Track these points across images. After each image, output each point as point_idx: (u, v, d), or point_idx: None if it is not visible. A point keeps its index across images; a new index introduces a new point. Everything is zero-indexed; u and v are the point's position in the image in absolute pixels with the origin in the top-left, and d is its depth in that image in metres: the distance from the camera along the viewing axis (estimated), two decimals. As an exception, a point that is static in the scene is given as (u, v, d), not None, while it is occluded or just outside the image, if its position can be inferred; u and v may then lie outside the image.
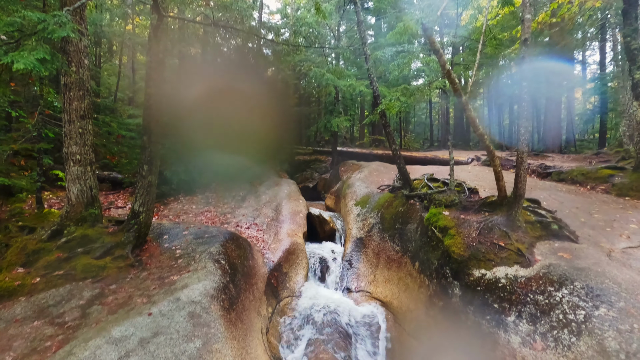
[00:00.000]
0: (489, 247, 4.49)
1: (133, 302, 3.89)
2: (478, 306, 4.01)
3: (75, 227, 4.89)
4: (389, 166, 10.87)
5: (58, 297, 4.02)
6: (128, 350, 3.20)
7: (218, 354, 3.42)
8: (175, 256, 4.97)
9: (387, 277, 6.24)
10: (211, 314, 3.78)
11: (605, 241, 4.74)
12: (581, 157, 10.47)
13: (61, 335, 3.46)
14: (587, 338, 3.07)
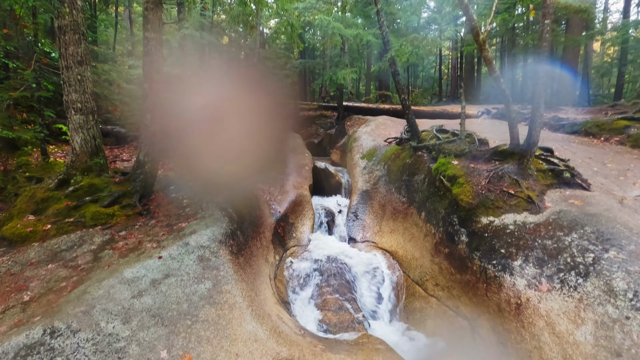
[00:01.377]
0: (498, 195, 4.43)
1: (143, 246, 3.95)
2: (485, 252, 4.03)
3: (82, 177, 4.88)
4: (396, 120, 10.62)
5: (70, 243, 4.09)
6: (141, 290, 3.29)
7: (228, 294, 3.51)
8: (183, 205, 4.99)
9: (392, 228, 6.28)
10: (220, 258, 3.84)
11: (618, 189, 4.65)
12: (596, 110, 10.10)
13: (75, 277, 3.55)
14: (594, 279, 3.08)
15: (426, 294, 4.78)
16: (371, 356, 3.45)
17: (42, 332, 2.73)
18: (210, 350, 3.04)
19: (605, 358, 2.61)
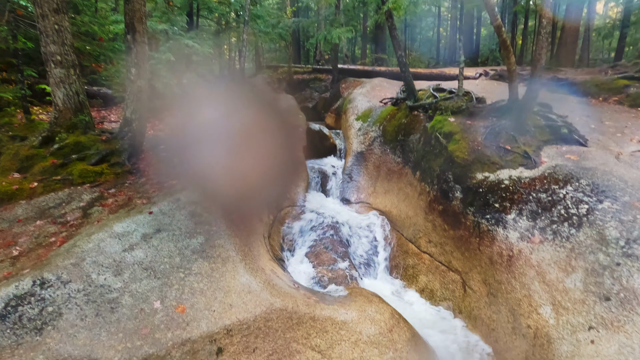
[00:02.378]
0: (494, 151, 4.37)
1: (133, 203, 3.88)
2: (479, 207, 4.02)
3: (67, 134, 4.71)
4: (392, 82, 10.34)
5: (58, 200, 4.00)
6: (132, 244, 3.25)
7: (221, 248, 3.49)
8: (174, 164, 4.89)
9: (387, 189, 6.26)
10: (212, 213, 3.79)
11: (614, 145, 4.60)
12: (596, 70, 9.89)
13: (64, 232, 3.49)
14: (587, 229, 3.08)
15: (419, 251, 4.82)
16: (364, 307, 3.50)
17: (32, 283, 2.70)
18: (204, 301, 3.05)
19: (594, 302, 2.65)
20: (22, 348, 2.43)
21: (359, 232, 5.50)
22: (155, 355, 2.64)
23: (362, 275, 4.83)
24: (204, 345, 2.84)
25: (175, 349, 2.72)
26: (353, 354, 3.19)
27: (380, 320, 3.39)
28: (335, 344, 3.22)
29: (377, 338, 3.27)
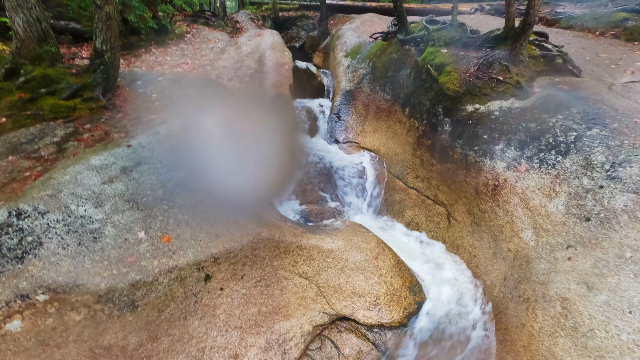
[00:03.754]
0: (486, 82, 4.22)
1: (110, 137, 3.70)
2: (467, 139, 3.96)
3: (33, 67, 4.36)
4: (382, 17, 9.76)
5: (30, 136, 3.79)
6: (111, 177, 3.13)
7: (205, 181, 3.41)
8: (152, 99, 4.63)
9: (375, 127, 6.13)
10: (194, 147, 3.66)
11: (608, 76, 4.49)
12: (596, 4, 9.45)
13: (39, 167, 3.35)
14: (574, 155, 3.07)
15: (406, 187, 4.84)
16: (350, 236, 3.56)
17: (8, 214, 2.61)
18: (190, 231, 3.03)
19: (574, 223, 2.71)
20: (4, 276, 2.41)
21: (347, 171, 5.46)
22: (143, 281, 2.66)
23: (350, 211, 4.87)
24: (191, 272, 2.87)
25: (162, 275, 2.74)
26: (339, 279, 3.29)
27: (366, 249, 3.46)
28: (322, 271, 3.30)
29: (362, 265, 3.36)
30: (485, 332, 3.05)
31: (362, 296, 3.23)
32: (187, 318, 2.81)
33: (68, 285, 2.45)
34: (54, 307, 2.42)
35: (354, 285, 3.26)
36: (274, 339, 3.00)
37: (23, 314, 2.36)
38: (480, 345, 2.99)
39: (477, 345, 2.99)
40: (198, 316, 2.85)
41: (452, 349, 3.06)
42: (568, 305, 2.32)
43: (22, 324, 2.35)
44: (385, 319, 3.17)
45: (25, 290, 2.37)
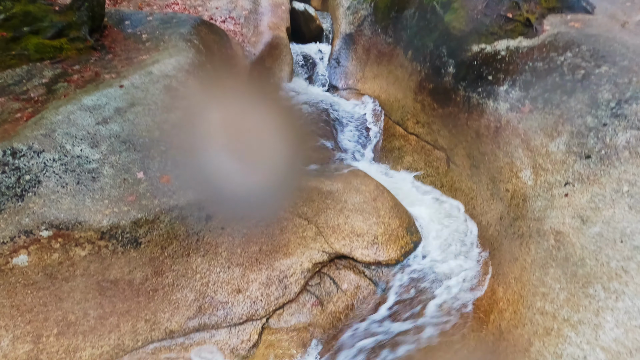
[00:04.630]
0: (494, 20, 4.01)
1: (101, 78, 3.57)
2: (471, 81, 3.84)
3: (12, 3, 4.09)
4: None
5: (17, 77, 3.64)
6: (105, 117, 3.06)
7: (202, 123, 3.35)
8: (142, 40, 4.40)
9: (376, 73, 5.93)
10: (189, 88, 3.55)
11: (622, 14, 4.26)
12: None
13: (30, 109, 3.25)
14: (580, 94, 2.99)
15: (406, 133, 4.79)
16: (349, 179, 3.57)
17: (2, 153, 2.58)
18: (189, 172, 3.02)
19: (574, 161, 2.70)
20: (6, 213, 2.43)
21: (346, 117, 5.37)
22: (144, 219, 2.70)
23: (348, 157, 4.85)
24: (192, 212, 2.90)
25: (163, 214, 2.77)
26: (338, 220, 3.34)
27: (365, 191, 3.49)
28: (321, 212, 3.35)
29: (361, 206, 3.40)
30: (478, 269, 3.17)
31: (360, 236, 3.30)
32: (190, 255, 2.89)
33: (70, 222, 2.48)
34: (58, 242, 2.46)
35: (352, 226, 3.33)
36: (274, 275, 3.11)
37: (28, 249, 2.41)
38: (472, 280, 3.11)
39: (470, 280, 3.11)
40: (201, 253, 2.93)
41: (446, 284, 3.19)
42: (561, 238, 2.38)
43: (29, 259, 2.41)
44: (382, 257, 3.27)
45: (28, 226, 2.40)
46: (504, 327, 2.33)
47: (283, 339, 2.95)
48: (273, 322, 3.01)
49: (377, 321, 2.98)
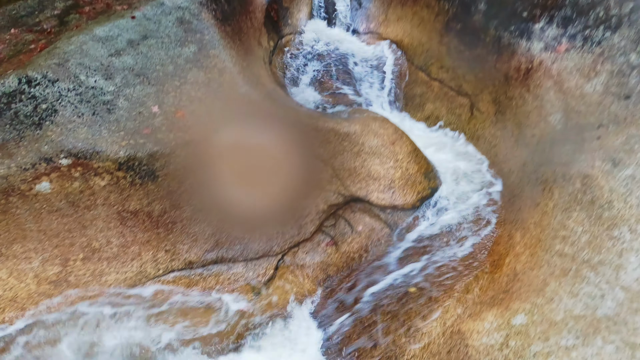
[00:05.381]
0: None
1: (112, 9, 3.42)
2: (503, 19, 3.54)
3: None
4: None
5: (29, 9, 3.55)
6: (118, 49, 2.97)
7: (216, 59, 3.22)
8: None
9: (399, 15, 5.54)
10: (203, 21, 3.38)
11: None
12: None
13: (43, 40, 3.18)
14: (625, 30, 2.72)
15: (429, 79, 4.55)
16: (367, 122, 3.46)
17: (18, 81, 2.55)
18: (204, 108, 2.97)
19: (610, 102, 2.52)
20: (25, 140, 2.46)
21: (366, 62, 5.12)
22: (160, 152, 2.70)
23: (367, 104, 4.69)
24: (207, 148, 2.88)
25: (179, 148, 2.77)
26: (355, 163, 3.29)
27: (384, 134, 3.39)
28: (338, 154, 3.29)
29: (379, 149, 3.32)
30: (495, 216, 3.12)
31: (377, 179, 3.26)
32: (208, 189, 2.91)
33: (88, 152, 2.50)
34: (78, 171, 2.50)
35: (369, 169, 3.27)
36: (290, 214, 3.13)
37: (50, 176, 2.46)
38: (489, 226, 3.07)
39: (486, 226, 3.07)
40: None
41: (462, 230, 3.17)
42: (589, 181, 2.27)
43: (51, 186, 2.47)
44: (399, 201, 3.24)
45: (47, 153, 2.43)
46: (519, 269, 2.32)
47: (298, 276, 3.04)
48: (288, 260, 3.09)
49: (390, 263, 3.02)
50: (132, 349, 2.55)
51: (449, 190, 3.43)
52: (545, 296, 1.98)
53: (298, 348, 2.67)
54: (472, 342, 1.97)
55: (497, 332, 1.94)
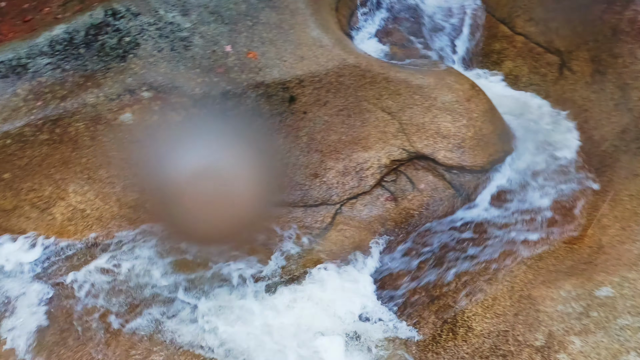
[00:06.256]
0: None
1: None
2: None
3: None
4: None
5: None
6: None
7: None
8: None
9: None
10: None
11: None
12: None
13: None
14: None
15: (511, 33, 4.09)
16: (442, 75, 3.22)
17: (104, 13, 2.64)
18: (275, 50, 2.91)
19: None
20: (111, 72, 2.58)
21: (438, 12, 4.70)
22: (233, 92, 2.72)
23: (438, 58, 4.36)
24: (277, 91, 2.86)
25: (250, 89, 2.77)
26: (424, 118, 3.11)
27: (459, 89, 3.14)
28: (407, 107, 3.12)
29: (452, 105, 3.10)
30: (576, 185, 2.85)
31: (446, 137, 3.07)
32: (272, 135, 2.93)
33: (167, 86, 2.58)
34: (157, 105, 2.61)
35: (438, 126, 3.09)
36: (351, 166, 3.08)
37: (132, 108, 2.58)
38: (567, 196, 2.82)
39: (564, 196, 2.82)
40: (282, 134, 2.95)
41: (535, 198, 2.94)
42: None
43: (133, 117, 2.60)
44: (467, 162, 3.05)
45: (131, 85, 2.55)
46: (606, 242, 2.12)
47: (354, 227, 3.04)
48: (346, 210, 3.08)
49: (454, 226, 2.92)
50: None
51: (523, 155, 3.17)
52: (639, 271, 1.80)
53: (352, 294, 2.72)
54: (545, 307, 1.87)
55: (575, 301, 1.82)
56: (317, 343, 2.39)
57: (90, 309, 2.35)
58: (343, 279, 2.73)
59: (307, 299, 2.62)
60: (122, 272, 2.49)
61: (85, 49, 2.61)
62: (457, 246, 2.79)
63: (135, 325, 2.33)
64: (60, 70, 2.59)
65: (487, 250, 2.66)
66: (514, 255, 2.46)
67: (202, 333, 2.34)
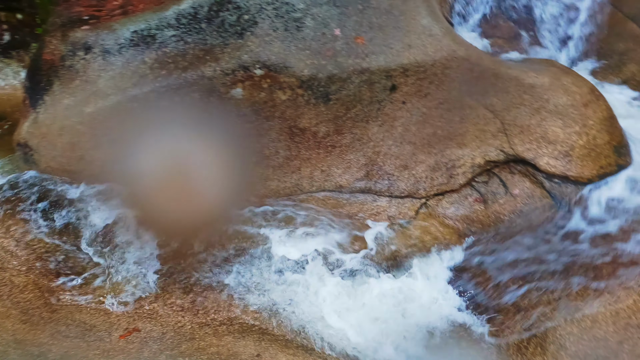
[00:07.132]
0: None
1: None
2: None
3: None
4: None
5: None
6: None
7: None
8: None
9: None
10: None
11: None
12: None
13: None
14: None
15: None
16: (558, 75, 2.97)
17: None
18: (382, 36, 2.87)
19: None
20: (229, 47, 2.73)
21: (554, 3, 4.28)
22: (338, 76, 2.76)
23: (546, 54, 4.01)
24: (380, 79, 2.84)
25: (355, 75, 2.78)
26: (530, 120, 2.92)
27: (576, 93, 2.89)
28: (513, 107, 2.95)
29: (565, 109, 2.87)
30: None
31: (553, 143, 2.87)
32: (369, 122, 2.95)
33: (279, 65, 2.69)
34: (266, 82, 2.73)
35: (546, 130, 2.88)
36: (443, 161, 3.02)
37: (244, 83, 2.73)
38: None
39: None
40: (378, 123, 2.96)
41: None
42: None
43: (243, 92, 2.76)
44: (573, 172, 2.84)
45: (246, 62, 2.68)
46: None
47: (438, 224, 3.00)
48: (431, 205, 3.05)
49: (548, 238, 2.76)
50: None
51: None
52: None
53: (430, 291, 2.72)
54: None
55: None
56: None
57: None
58: (422, 274, 2.73)
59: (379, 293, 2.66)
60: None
61: (207, 24, 2.78)
62: (549, 259, 2.65)
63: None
64: (183, 42, 2.79)
65: (583, 269, 2.49)
66: (619, 279, 2.28)
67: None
